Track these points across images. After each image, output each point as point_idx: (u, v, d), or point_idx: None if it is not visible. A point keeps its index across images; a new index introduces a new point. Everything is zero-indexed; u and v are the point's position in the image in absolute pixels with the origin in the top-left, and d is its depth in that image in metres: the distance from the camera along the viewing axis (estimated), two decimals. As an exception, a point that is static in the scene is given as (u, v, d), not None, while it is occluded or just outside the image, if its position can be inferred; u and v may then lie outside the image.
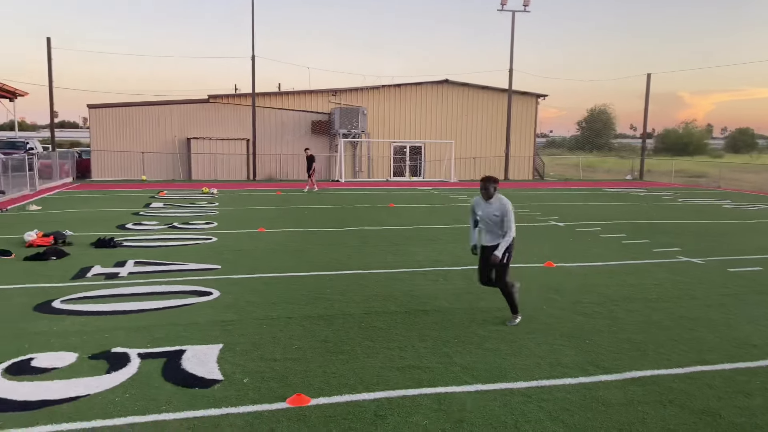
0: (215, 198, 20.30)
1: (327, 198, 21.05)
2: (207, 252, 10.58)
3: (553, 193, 24.60)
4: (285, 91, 33.50)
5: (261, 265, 9.52)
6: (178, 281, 8.39)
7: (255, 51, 30.48)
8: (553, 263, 9.95)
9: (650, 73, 34.17)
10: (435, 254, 10.69)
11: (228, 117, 31.36)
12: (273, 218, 15.27)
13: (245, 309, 7.08)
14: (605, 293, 8.13)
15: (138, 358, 5.51)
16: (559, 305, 7.50)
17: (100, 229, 12.83)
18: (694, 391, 4.94)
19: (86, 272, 8.87)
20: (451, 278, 8.89)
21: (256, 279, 8.64)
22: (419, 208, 18.40)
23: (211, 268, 9.28)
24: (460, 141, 33.72)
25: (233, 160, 31.29)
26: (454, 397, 4.76)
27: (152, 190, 22.73)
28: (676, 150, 77.10)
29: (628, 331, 6.48)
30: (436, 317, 6.93)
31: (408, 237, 12.55)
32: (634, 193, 25.39)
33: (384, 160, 33.36)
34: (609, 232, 13.49)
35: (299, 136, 32.04)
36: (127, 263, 9.49)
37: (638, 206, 19.85)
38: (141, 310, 6.97)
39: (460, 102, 34.21)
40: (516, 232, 6.69)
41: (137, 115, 30.49)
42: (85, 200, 19.13)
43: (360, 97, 32.81)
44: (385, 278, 8.82)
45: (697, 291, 8.33)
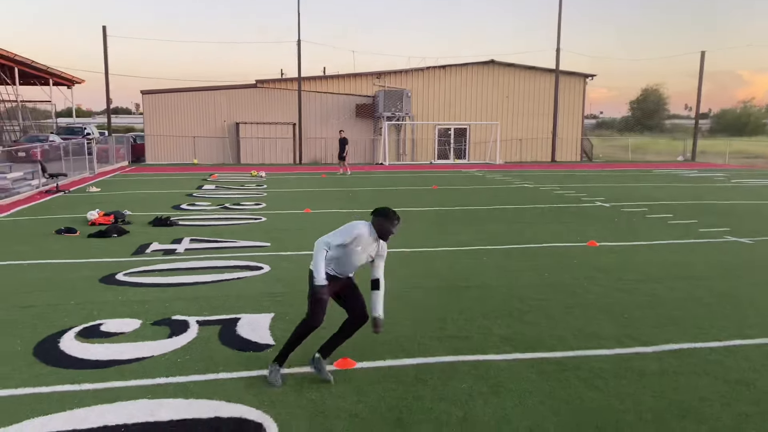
0: (263, 180, 20.88)
1: (371, 180, 21.36)
2: (257, 231, 11.02)
3: (600, 175, 24.25)
4: (330, 75, 33.86)
5: (308, 243, 9.88)
6: (230, 257, 8.83)
7: (301, 35, 30.91)
8: (597, 243, 9.98)
9: (704, 51, 33.09)
10: (477, 233, 10.85)
11: (275, 101, 31.95)
12: (318, 200, 15.67)
13: (293, 283, 7.44)
14: (647, 271, 8.16)
15: (197, 325, 5.93)
16: (600, 282, 7.59)
17: (157, 209, 13.46)
18: (730, 363, 5.03)
19: (145, 248, 9.42)
20: (493, 256, 9.06)
21: (303, 255, 9.00)
22: (462, 190, 18.51)
23: (261, 245, 9.70)
24: (505, 122, 33.45)
25: (280, 143, 31.92)
26: (492, 365, 4.99)
27: (204, 173, 23.51)
28: (732, 131, 74.28)
29: (668, 307, 6.55)
30: (476, 292, 7.14)
31: (451, 218, 12.73)
32: (684, 174, 24.79)
33: (428, 142, 33.42)
34: (655, 213, 13.34)
35: (344, 119, 32.38)
36: (183, 240, 10.01)
37: (688, 187, 19.43)
38: (197, 283, 7.42)
39: (505, 83, 33.88)
40: (561, 213, 6.77)
41: (188, 100, 31.41)
42: (141, 182, 19.98)
43: (404, 79, 32.88)
44: (428, 256, 9.06)
45: (742, 270, 8.27)
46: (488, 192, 17.71)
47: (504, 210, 13.84)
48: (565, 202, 15.16)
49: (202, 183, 19.67)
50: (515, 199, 15.81)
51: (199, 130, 31.29)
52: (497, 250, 9.46)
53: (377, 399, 4.38)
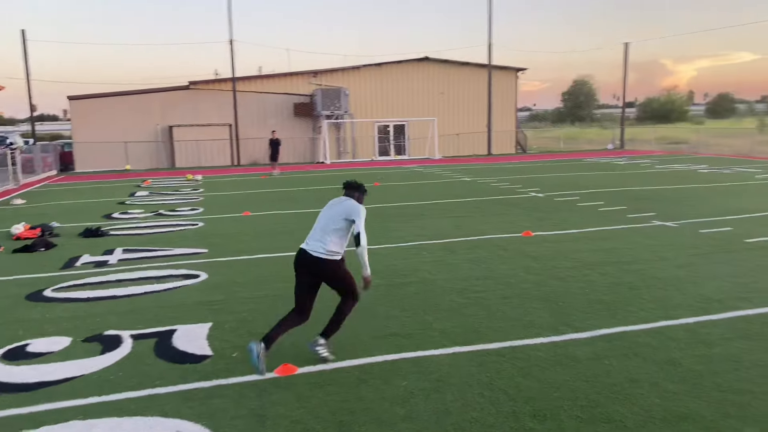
0: (199, 184, 20.40)
1: (312, 180, 21.22)
2: (194, 237, 10.76)
3: (534, 166, 24.91)
4: (266, 74, 33.39)
5: (247, 248, 9.74)
6: (166, 266, 8.59)
7: (233, 35, 30.35)
8: (531, 233, 10.25)
9: (627, 42, 34.45)
10: (418, 229, 10.95)
11: (209, 103, 31.25)
12: (258, 202, 15.44)
13: (232, 289, 7.31)
14: (580, 258, 8.44)
15: (130, 339, 5.74)
16: (536, 271, 7.80)
17: (87, 220, 12.95)
18: (657, 344, 5.26)
19: (75, 261, 9.04)
20: (432, 251, 9.16)
21: (242, 261, 8.86)
22: (403, 185, 18.64)
23: (198, 252, 9.48)
24: (442, 118, 33.85)
25: (216, 145, 31.26)
26: (433, 360, 5.04)
27: (137, 180, 22.77)
28: (658, 118, 77.65)
29: (600, 293, 6.79)
30: (417, 288, 7.20)
31: (392, 214, 12.79)
32: (613, 162, 25.76)
33: (368, 139, 33.46)
34: (587, 201, 13.81)
35: (282, 119, 32.01)
36: (116, 251, 9.67)
37: (617, 174, 20.21)
38: (131, 295, 7.18)
39: (440, 79, 34.29)
40: (497, 205, 6.91)
41: (118, 104, 30.31)
42: (70, 192, 19.17)
43: (341, 77, 32.78)
44: (370, 254, 9.04)
45: (668, 253, 8.67)
46: (428, 187, 17.89)
47: (443, 204, 14.01)
48: (501, 194, 15.49)
49: (135, 190, 19.04)
50: (454, 193, 16.04)
51: (131, 134, 30.26)
52: (437, 245, 9.57)
53: (319, 404, 4.36)
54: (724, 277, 7.25)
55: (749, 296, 6.51)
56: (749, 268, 7.64)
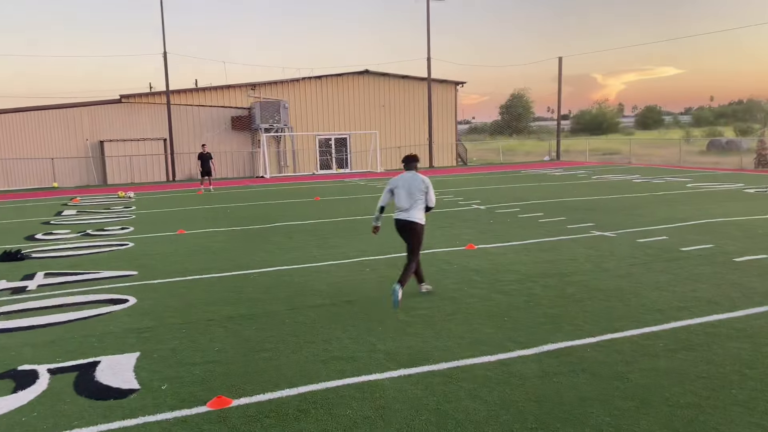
0: (132, 202, 19.53)
1: (251, 195, 20.68)
2: (123, 258, 10.16)
3: (474, 178, 25.16)
4: (201, 87, 32.54)
5: (180, 269, 9.25)
6: (91, 291, 8.02)
7: (167, 48, 29.45)
8: (474, 245, 10.19)
9: (561, 57, 35.50)
10: (361, 245, 10.71)
11: (142, 117, 30.18)
12: (194, 219, 14.85)
13: (163, 314, 6.86)
14: (523, 271, 8.40)
15: (48, 374, 5.24)
16: (479, 286, 7.69)
17: (7, 242, 12.08)
18: (604, 358, 5.19)
19: (-10, 288, 8.34)
20: (377, 267, 8.94)
21: (174, 283, 8.38)
22: (345, 200, 18.39)
23: (126, 274, 8.92)
24: (384, 131, 33.87)
25: (150, 161, 30.18)
26: (377, 385, 4.80)
27: (64, 198, 21.62)
28: (590, 129, 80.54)
29: (544, 306, 6.73)
30: (361, 306, 6.95)
31: (334, 230, 12.51)
32: (550, 173, 26.34)
33: (309, 153, 33.08)
34: (527, 212, 13.93)
35: (219, 132, 31.25)
36: (36, 276, 8.99)
37: (555, 185, 20.62)
38: (51, 324, 6.63)
39: (381, 92, 34.34)
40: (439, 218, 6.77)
41: (45, 119, 28.84)
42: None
43: (280, 90, 32.34)
44: (311, 272, 8.77)
45: (608, 263, 8.75)
46: (370, 201, 17.70)
47: (386, 218, 13.80)
48: (443, 207, 15.46)
49: (61, 209, 18.02)
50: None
51: (59, 150, 28.83)
52: (380, 261, 9.36)
53: (255, 439, 4.04)
54: (664, 287, 7.34)
55: (688, 305, 6.58)
56: (686, 277, 7.77)
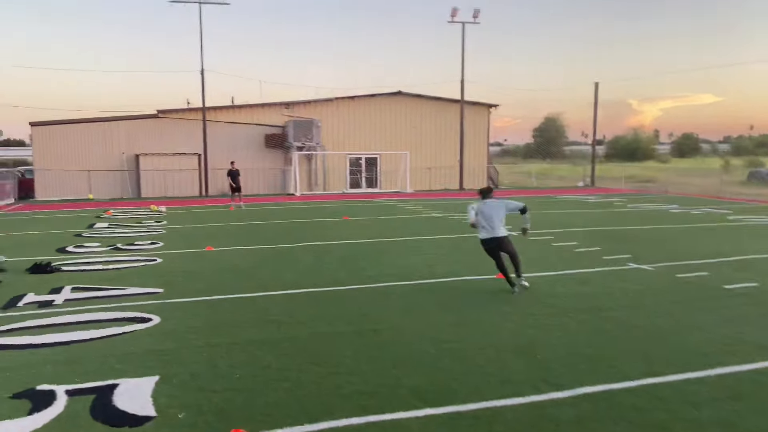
0: (163, 216, 19.69)
1: (281, 212, 20.68)
2: (150, 275, 10.13)
3: (507, 202, 24.77)
4: (237, 104, 32.98)
5: (206, 287, 9.16)
6: (116, 307, 7.96)
7: (205, 65, 29.94)
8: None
9: (598, 82, 35.03)
10: (388, 268, 10.50)
11: (178, 132, 30.66)
12: (223, 236, 14.85)
13: (186, 336, 6.74)
14: (557, 304, 8.08)
15: (65, 396, 5.13)
16: (512, 318, 7.40)
17: (39, 254, 12.20)
18: (644, 405, 4.87)
19: (17, 301, 8.35)
20: (403, 293, 8.71)
21: (199, 302, 8.28)
22: (374, 220, 18.23)
23: (152, 292, 8.86)
24: (414, 152, 33.76)
25: (184, 176, 30.56)
26: (401, 425, 4.56)
27: (98, 210, 21.93)
28: (625, 156, 79.27)
29: (580, 344, 6.41)
30: (387, 336, 6.73)
31: (362, 251, 12.33)
32: (585, 199, 25.81)
33: (340, 172, 33.13)
34: (561, 240, 13.56)
35: (253, 150, 31.53)
36: (64, 290, 8.99)
37: (590, 213, 20.14)
38: (73, 341, 6.56)
39: (413, 113, 34.31)
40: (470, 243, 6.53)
41: (84, 131, 29.52)
42: (25, 222, 18.29)
43: (314, 109, 32.56)
44: (336, 296, 8.58)
45: (647, 298, 8.37)
46: (399, 222, 17.52)
47: (415, 241, 13.62)
48: (473, 232, 15.12)
49: (94, 221, 18.25)
50: (425, 229, 15.68)
51: (96, 163, 29.42)
52: (408, 287, 9.13)
53: (271, 479, 3.83)
54: (707, 328, 6.95)
55: (735, 350, 6.19)
56: (732, 318, 7.36)
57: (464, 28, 32.36)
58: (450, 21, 31.92)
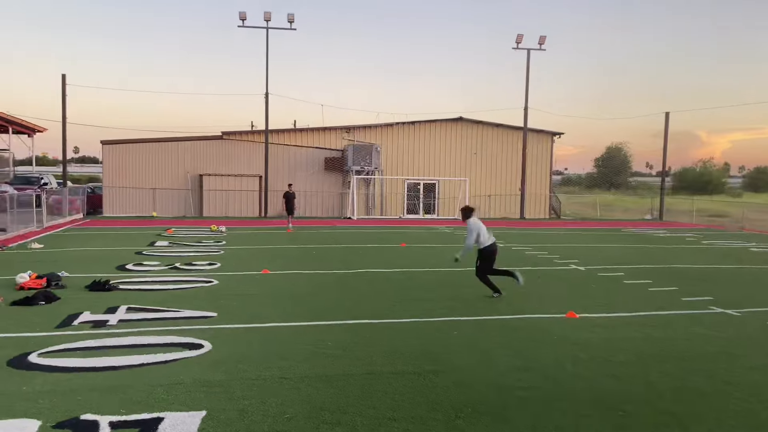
0: (223, 236, 19.79)
1: (337, 236, 20.47)
2: (205, 297, 9.96)
3: (571, 234, 23.80)
4: (299, 128, 33.37)
5: (260, 313, 8.88)
6: (169, 331, 7.76)
7: (269, 88, 30.43)
8: (576, 314, 9.19)
9: (668, 112, 33.65)
10: (448, 301, 9.99)
11: (241, 153, 31.20)
12: (279, 259, 14.68)
13: (236, 366, 6.42)
14: (636, 350, 7.36)
15: (108, 428, 4.86)
16: (586, 365, 6.75)
17: (99, 270, 12.31)
18: (752, 483, 4.18)
19: (73, 320, 8.28)
20: (465, 330, 8.17)
21: (252, 329, 7.99)
22: (432, 248, 17.73)
23: (206, 316, 8.65)
24: (474, 178, 33.19)
25: (245, 196, 30.97)
26: (468, 488, 4.04)
27: (160, 228, 22.32)
28: (694, 189, 75.96)
29: (666, 400, 5.72)
30: (448, 379, 6.21)
31: (419, 281, 11.86)
32: (655, 234, 24.52)
33: (397, 197, 32.87)
34: (633, 278, 12.69)
35: (312, 172, 31.72)
36: (119, 309, 8.90)
37: (661, 249, 19.02)
38: (123, 367, 6.34)
39: (474, 139, 33.81)
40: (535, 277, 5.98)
41: (151, 151, 30.44)
42: (90, 238, 18.72)
43: (374, 134, 32.55)
44: (394, 330, 8.13)
45: (737, 349, 7.54)
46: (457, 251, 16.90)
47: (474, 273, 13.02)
48: (538, 264, 14.47)
49: (155, 239, 18.49)
50: (487, 261, 15.05)
51: (161, 181, 30.23)
52: (469, 322, 8.58)
53: None
54: (815, 389, 6.11)
55: None
56: (841, 377, 6.48)
57: (529, 55, 31.80)
58: (515, 48, 31.42)
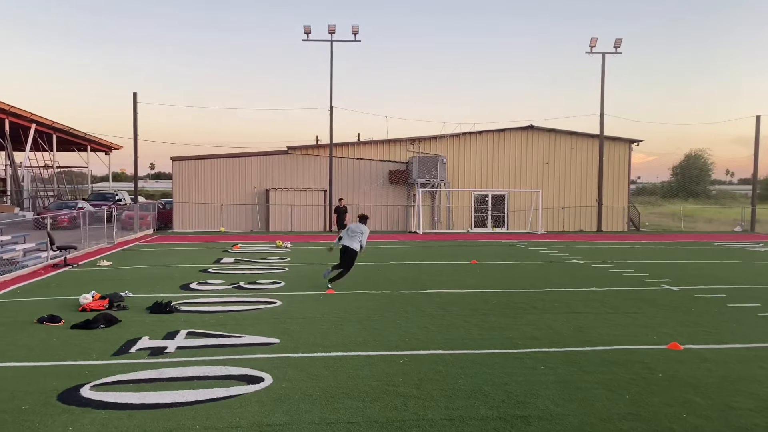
0: (288, 252, 19.43)
1: (403, 252, 19.73)
2: (268, 320, 9.41)
3: (655, 249, 22.13)
4: (363, 140, 32.99)
5: (325, 340, 8.23)
6: (228, 360, 7.21)
7: (333, 102, 30.23)
8: (680, 345, 8.05)
9: (759, 115, 31.24)
10: (529, 328, 9.03)
11: (306, 167, 31.08)
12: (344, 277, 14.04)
13: (299, 406, 5.75)
14: (761, 393, 6.22)
15: (154, 484, 4.26)
16: (704, 413, 5.69)
17: (163, 289, 12.05)
18: None
19: (131, 346, 7.89)
20: (553, 364, 7.22)
21: (317, 359, 7.33)
22: (505, 266, 16.69)
23: (268, 342, 8.07)
24: (546, 190, 31.76)
25: (310, 210, 30.79)
26: None
27: (227, 244, 22.25)
28: (784, 197, 70.99)
29: (819, 466, 4.62)
30: (539, 427, 5.32)
31: (495, 304, 10.93)
32: (751, 248, 22.49)
33: (464, 210, 31.87)
34: (738, 300, 11.30)
35: (377, 185, 31.21)
36: (179, 334, 8.46)
37: (763, 266, 17.24)
38: (176, 404, 5.79)
39: (546, 148, 32.40)
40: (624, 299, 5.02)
41: (218, 166, 30.76)
42: (158, 255, 18.76)
43: (439, 145, 31.75)
44: (472, 363, 7.28)
45: None
46: (534, 269, 15.84)
47: (555, 294, 11.99)
48: (625, 284, 13.22)
49: (221, 255, 18.31)
50: (566, 280, 13.91)
51: (229, 196, 30.48)
52: (556, 355, 7.62)
53: None
54: None
55: None
56: None
57: (604, 59, 30.23)
58: (588, 52, 29.95)
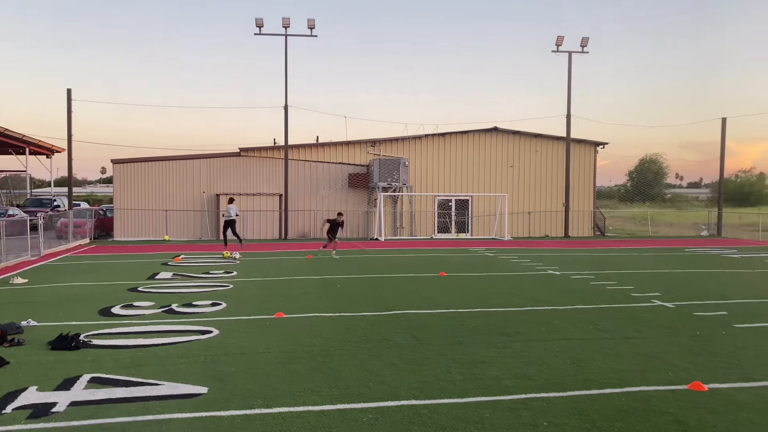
0: (236, 265, 17.52)
1: (364, 263, 18.05)
2: (197, 359, 7.59)
3: (630, 256, 21.03)
4: (321, 142, 31.22)
5: (267, 388, 6.48)
6: (132, 426, 5.41)
7: (288, 101, 28.37)
8: (703, 384, 6.61)
9: (725, 118, 30.79)
10: (518, 362, 7.48)
11: (260, 171, 29.14)
12: (297, 295, 12.31)
13: None
14: (832, 461, 4.78)
15: None
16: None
17: (78, 315, 10.09)
18: None
19: (9, 402, 5.98)
20: (558, 418, 5.65)
21: (253, 420, 5.58)
22: (477, 278, 15.19)
23: (191, 393, 6.27)
24: (512, 194, 30.60)
25: (264, 216, 28.84)
26: None
27: (169, 255, 20.17)
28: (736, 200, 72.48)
29: None
30: None
31: (473, 328, 9.36)
32: (725, 254, 21.64)
33: (427, 215, 30.42)
34: (743, 320, 10.03)
35: (335, 190, 29.48)
36: (78, 381, 6.60)
37: (748, 274, 16.22)
38: None
39: (510, 151, 31.26)
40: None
41: (164, 170, 28.52)
42: (87, 269, 16.59)
43: (401, 147, 30.24)
44: (455, 420, 5.64)
45: None
46: (509, 282, 14.38)
47: (538, 313, 10.51)
48: (612, 300, 11.87)
49: (159, 269, 16.28)
50: (547, 295, 12.45)
51: (175, 202, 28.26)
52: (559, 403, 6.06)
53: None
54: None
55: None
56: None
57: (571, 58, 29.26)
58: (555, 51, 28.94)
